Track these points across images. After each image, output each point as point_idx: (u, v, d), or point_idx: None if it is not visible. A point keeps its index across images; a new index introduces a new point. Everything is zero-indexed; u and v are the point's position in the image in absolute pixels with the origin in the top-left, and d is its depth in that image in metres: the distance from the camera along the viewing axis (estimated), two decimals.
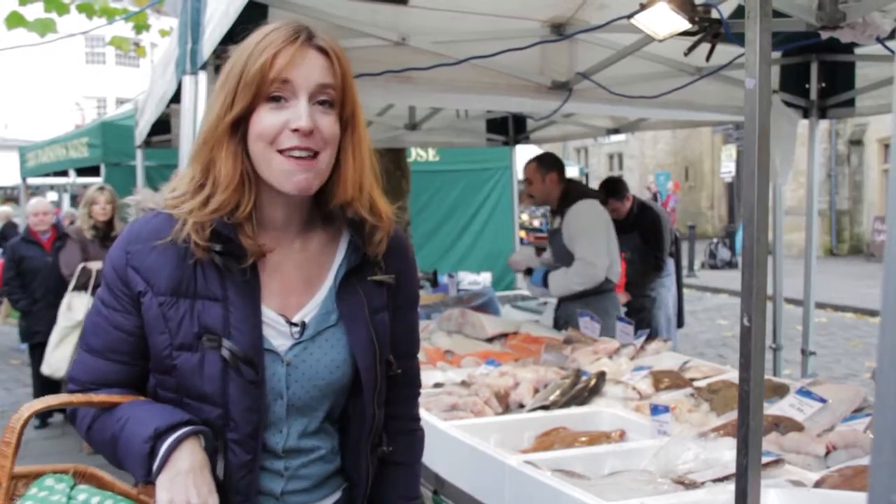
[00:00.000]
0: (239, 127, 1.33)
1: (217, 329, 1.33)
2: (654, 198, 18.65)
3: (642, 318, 5.58)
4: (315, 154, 1.33)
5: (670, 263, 5.95)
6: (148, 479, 1.29)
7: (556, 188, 4.76)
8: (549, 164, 4.80)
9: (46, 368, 5.71)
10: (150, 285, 1.35)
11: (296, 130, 1.30)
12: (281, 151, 1.31)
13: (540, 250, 4.96)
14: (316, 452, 1.46)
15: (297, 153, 1.31)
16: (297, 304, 1.42)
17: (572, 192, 4.79)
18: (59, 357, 5.56)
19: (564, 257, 4.66)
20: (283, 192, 1.34)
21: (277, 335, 1.39)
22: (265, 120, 1.31)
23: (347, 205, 1.40)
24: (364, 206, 1.40)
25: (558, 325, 4.77)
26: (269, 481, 1.42)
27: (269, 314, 1.39)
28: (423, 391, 1.71)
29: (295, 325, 1.40)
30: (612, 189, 5.92)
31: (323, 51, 1.34)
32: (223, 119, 1.32)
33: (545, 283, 4.68)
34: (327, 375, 1.41)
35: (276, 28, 1.34)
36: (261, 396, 1.35)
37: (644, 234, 5.83)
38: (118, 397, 1.39)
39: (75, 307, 5.62)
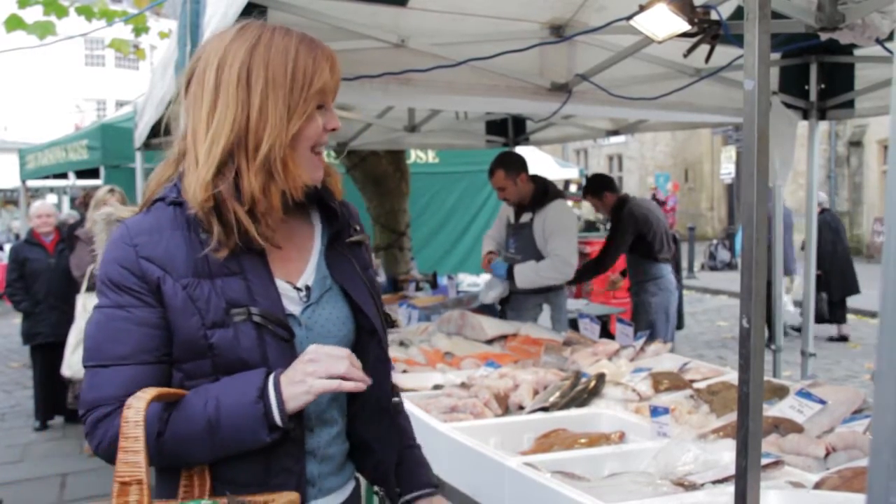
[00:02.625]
0: None
1: (242, 301, 1.38)
2: (654, 198, 18.60)
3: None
4: None
5: (659, 267, 5.77)
6: (275, 434, 1.33)
7: (527, 186, 4.80)
8: (515, 166, 4.78)
9: (67, 370, 5.71)
10: (168, 272, 1.37)
11: (333, 129, 1.45)
12: (311, 148, 1.44)
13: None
14: (334, 427, 1.52)
15: (319, 149, 1.46)
16: (297, 270, 1.50)
17: (550, 189, 4.84)
18: (78, 359, 5.57)
19: (529, 251, 4.72)
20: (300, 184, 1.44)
21: (289, 301, 1.45)
22: (315, 124, 1.43)
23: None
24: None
25: (505, 316, 4.86)
26: (307, 465, 1.46)
27: (277, 283, 1.45)
28: (422, 393, 1.73)
29: (300, 289, 1.48)
30: (592, 186, 5.88)
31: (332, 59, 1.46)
32: (286, 129, 1.38)
33: (509, 276, 4.75)
34: (337, 332, 1.50)
35: (303, 38, 1.42)
36: (295, 356, 1.40)
37: (611, 236, 5.81)
38: (182, 391, 1.38)
39: (90, 308, 5.61)
